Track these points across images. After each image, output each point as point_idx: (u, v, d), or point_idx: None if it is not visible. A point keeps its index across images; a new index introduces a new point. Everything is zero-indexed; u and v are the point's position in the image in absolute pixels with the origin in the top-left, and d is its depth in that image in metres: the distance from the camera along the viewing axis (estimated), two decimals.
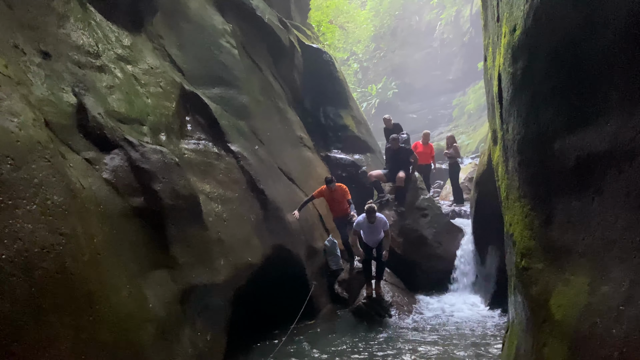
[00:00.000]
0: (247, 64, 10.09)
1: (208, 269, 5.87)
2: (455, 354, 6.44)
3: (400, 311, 8.56)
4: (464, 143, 24.42)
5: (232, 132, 8.04)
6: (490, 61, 5.14)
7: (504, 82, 3.92)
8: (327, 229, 10.66)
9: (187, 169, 6.30)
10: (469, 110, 28.17)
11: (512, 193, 3.88)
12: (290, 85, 13.09)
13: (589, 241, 2.62)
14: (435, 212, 10.96)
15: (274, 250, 7.73)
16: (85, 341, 3.55)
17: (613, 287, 2.29)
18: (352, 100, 16.37)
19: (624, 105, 2.32)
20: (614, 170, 2.41)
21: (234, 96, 8.85)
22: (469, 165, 15.43)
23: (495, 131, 5.18)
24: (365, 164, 13.87)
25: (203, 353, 5.36)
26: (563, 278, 2.83)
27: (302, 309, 8.11)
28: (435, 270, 10.32)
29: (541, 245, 3.22)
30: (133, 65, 6.67)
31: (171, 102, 7.00)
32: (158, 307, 4.75)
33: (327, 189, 9.61)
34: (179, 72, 7.90)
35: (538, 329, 3.00)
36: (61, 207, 3.69)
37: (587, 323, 2.40)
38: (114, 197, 4.77)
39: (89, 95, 5.28)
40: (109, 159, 5.00)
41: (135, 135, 5.58)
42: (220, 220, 6.52)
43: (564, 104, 2.91)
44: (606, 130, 2.47)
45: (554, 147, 3.03)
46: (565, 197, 2.95)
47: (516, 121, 3.63)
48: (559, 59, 2.88)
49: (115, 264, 4.32)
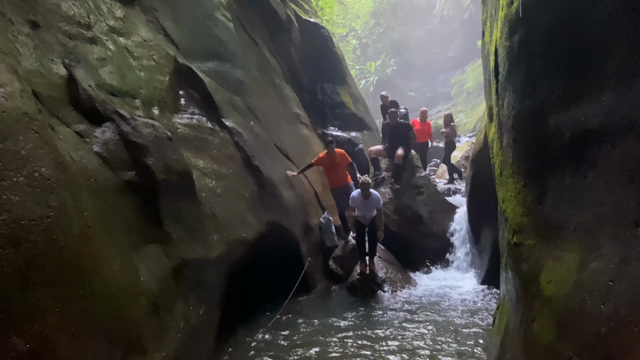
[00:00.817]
0: (242, 38, 9.94)
1: (202, 245, 5.86)
2: (446, 329, 6.49)
3: (393, 287, 8.62)
4: (462, 122, 24.33)
5: (226, 107, 7.96)
6: (488, 36, 5.06)
7: (500, 56, 3.85)
8: (323, 206, 10.66)
9: (181, 143, 6.24)
10: (468, 89, 28.01)
11: (505, 169, 3.85)
12: (287, 60, 12.94)
13: (581, 217, 2.60)
14: (431, 190, 10.96)
15: (269, 227, 7.72)
16: (75, 315, 3.54)
17: (603, 263, 2.27)
18: (350, 77, 16.23)
19: (620, 79, 2.27)
20: (608, 146, 2.37)
21: (229, 71, 8.74)
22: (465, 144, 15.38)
23: (491, 107, 5.13)
24: (362, 141, 13.82)
25: (196, 327, 5.37)
26: (554, 254, 2.81)
27: (296, 285, 8.15)
28: (429, 247, 10.38)
29: (533, 222, 3.20)
30: (126, 38, 6.54)
31: (164, 75, 6.90)
32: (150, 282, 4.74)
33: (327, 154, 9.60)
34: (173, 46, 7.77)
35: (528, 304, 3.00)
36: (50, 180, 3.64)
37: (576, 299, 2.38)
38: (105, 171, 4.71)
39: (80, 67, 5.19)
40: (100, 132, 4.92)
41: (127, 109, 5.50)
42: (214, 196, 6.49)
43: (559, 79, 2.85)
44: (601, 104, 2.43)
45: (549, 123, 2.98)
46: (559, 174, 2.92)
47: (512, 96, 3.57)
48: (555, 32, 2.82)
49: (107, 238, 4.29)
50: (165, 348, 4.63)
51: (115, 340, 3.94)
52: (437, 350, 5.81)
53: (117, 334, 3.98)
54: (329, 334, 6.61)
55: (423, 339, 6.22)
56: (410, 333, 6.46)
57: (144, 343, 4.32)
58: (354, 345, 6.11)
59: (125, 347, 4.04)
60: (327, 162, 9.67)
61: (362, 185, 8.21)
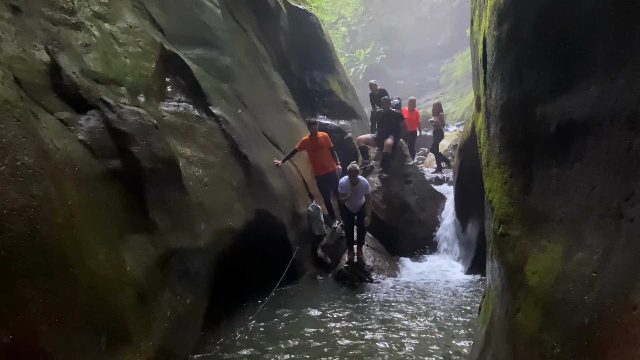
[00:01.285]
0: (230, 25, 9.83)
1: (188, 234, 5.83)
2: (431, 317, 6.55)
3: (381, 275, 8.66)
4: (451, 110, 24.37)
5: (214, 94, 7.87)
6: (477, 25, 5.03)
7: (488, 46, 3.83)
8: (311, 194, 10.65)
9: (167, 131, 6.17)
10: (457, 77, 28.03)
11: (492, 159, 3.85)
12: (276, 48, 12.83)
13: (567, 208, 2.61)
14: (419, 179, 11.01)
15: (257, 215, 7.70)
16: (59, 305, 3.50)
17: (587, 254, 2.28)
18: (339, 65, 16.16)
19: (607, 69, 2.26)
20: (594, 137, 2.37)
21: (216, 58, 8.64)
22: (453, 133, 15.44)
23: (479, 97, 5.12)
24: (351, 130, 13.80)
25: (183, 316, 5.36)
26: (539, 245, 2.82)
27: (284, 273, 8.16)
28: (417, 236, 10.45)
29: (519, 212, 3.21)
30: (111, 24, 6.43)
31: (151, 62, 6.80)
32: (137, 271, 4.71)
33: (309, 137, 9.58)
34: (159, 32, 7.66)
35: (513, 294, 3.01)
36: (32, 169, 3.58)
37: (561, 289, 2.40)
38: (89, 160, 4.65)
39: (64, 53, 5.09)
40: (85, 120, 4.85)
41: (112, 96, 5.42)
42: (201, 185, 6.44)
43: (547, 69, 2.84)
44: (588, 95, 2.42)
45: (536, 113, 2.98)
46: (545, 164, 2.92)
47: (499, 86, 3.56)
48: (544, 21, 2.80)
49: (91, 227, 4.25)
50: (152, 337, 4.62)
51: (100, 330, 3.91)
52: (424, 338, 5.86)
53: (102, 323, 3.96)
54: (316, 322, 6.63)
55: (409, 327, 6.27)
56: (397, 321, 6.51)
57: (129, 333, 4.30)
58: (341, 333, 6.14)
59: (111, 337, 4.02)
60: (310, 144, 9.64)
61: (350, 172, 8.21)
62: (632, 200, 2.01)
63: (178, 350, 5.15)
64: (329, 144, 9.78)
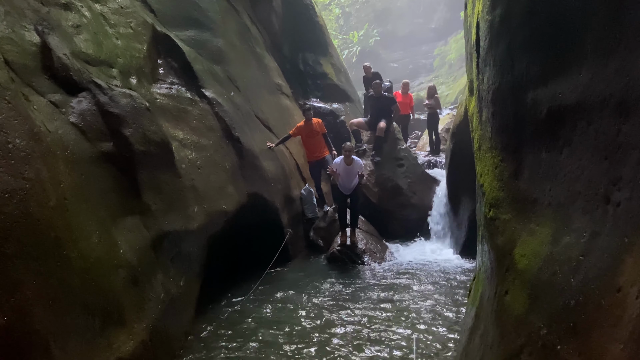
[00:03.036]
0: (222, 6, 9.73)
1: (181, 216, 5.84)
2: (422, 298, 6.63)
3: (373, 258, 8.74)
4: (444, 93, 24.33)
5: (206, 77, 7.83)
6: (470, 9, 5.02)
7: (481, 30, 3.84)
8: (304, 177, 10.68)
9: (159, 114, 6.15)
10: (450, 60, 27.93)
11: (484, 144, 3.88)
12: (269, 29, 12.72)
13: (555, 192, 2.64)
14: (411, 162, 11.05)
15: (250, 198, 7.72)
16: (53, 286, 3.52)
17: (574, 238, 2.32)
18: (332, 48, 16.06)
19: (597, 55, 2.28)
20: (584, 122, 2.39)
21: (208, 39, 8.57)
22: (446, 116, 15.43)
23: (472, 81, 5.13)
24: (344, 113, 13.77)
25: (176, 298, 5.40)
26: (528, 228, 2.87)
27: (276, 255, 8.21)
28: (409, 219, 10.53)
29: (509, 196, 3.25)
30: (102, 4, 6.36)
31: (142, 44, 6.74)
32: (129, 253, 4.73)
33: (305, 123, 9.63)
34: (150, 13, 7.58)
35: (502, 277, 3.07)
36: (24, 151, 3.56)
37: (548, 272, 2.44)
38: (81, 142, 4.63)
39: (54, 34, 5.03)
40: (76, 102, 4.81)
41: (103, 78, 5.38)
42: (194, 168, 6.44)
43: (538, 54, 2.86)
44: (578, 81, 2.44)
45: (527, 98, 3.00)
46: (536, 149, 2.95)
47: (492, 71, 3.58)
48: (536, 6, 2.81)
49: (84, 209, 4.25)
50: (145, 319, 4.65)
51: (94, 311, 3.94)
52: (414, 321, 5.94)
53: (95, 305, 3.98)
54: (307, 304, 6.70)
55: (400, 308, 6.35)
56: (388, 303, 6.59)
57: (123, 314, 4.33)
58: (332, 315, 6.21)
59: (104, 319, 4.05)
60: (305, 130, 9.71)
61: (345, 152, 8.27)
62: (618, 185, 2.05)
63: (171, 331, 5.20)
64: (323, 129, 9.85)
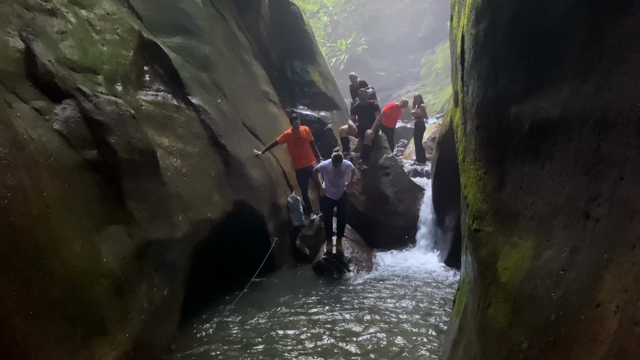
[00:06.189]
0: (210, 13, 9.72)
1: (166, 225, 5.80)
2: (409, 309, 6.64)
3: (359, 267, 8.74)
4: (430, 102, 24.52)
5: (193, 84, 7.81)
6: (456, 21, 5.08)
7: (466, 43, 3.88)
8: (291, 185, 10.66)
9: (145, 121, 6.11)
10: (437, 70, 28.16)
11: (468, 155, 3.92)
12: (256, 37, 12.75)
13: (537, 206, 2.68)
14: (398, 170, 11.09)
15: (236, 206, 7.69)
16: (34, 297, 3.48)
17: (555, 252, 2.35)
18: (320, 56, 16.13)
19: (578, 72, 2.32)
20: (564, 138, 2.43)
21: (196, 46, 8.55)
22: (432, 125, 15.54)
23: (457, 92, 5.18)
24: (332, 121, 13.82)
25: (160, 308, 5.35)
26: (511, 241, 2.90)
27: (262, 264, 8.18)
28: (395, 227, 10.55)
29: (492, 209, 3.28)
30: (88, 10, 6.32)
31: (128, 50, 6.70)
32: (113, 263, 4.68)
33: (292, 132, 9.68)
34: (137, 19, 7.55)
35: (485, 289, 3.09)
36: (6, 159, 3.53)
37: (530, 286, 2.47)
38: (65, 150, 4.59)
39: (39, 40, 4.99)
40: (60, 109, 4.77)
41: (89, 85, 5.34)
42: (179, 175, 6.41)
43: (522, 68, 2.90)
44: (560, 96, 2.48)
45: (510, 112, 3.04)
46: (518, 162, 2.99)
47: (476, 84, 3.62)
48: (520, 21, 2.85)
49: (67, 218, 4.20)
50: (128, 329, 4.60)
51: (75, 322, 3.90)
52: (399, 331, 5.95)
53: (78, 315, 3.94)
54: (293, 314, 6.68)
55: (385, 319, 6.35)
56: (373, 313, 6.58)
57: (105, 325, 4.28)
58: (318, 324, 6.19)
59: (87, 329, 4.00)
60: (292, 138, 9.76)
61: (335, 158, 8.35)
62: (598, 201, 2.08)
63: (155, 341, 5.15)
64: (310, 137, 9.90)
